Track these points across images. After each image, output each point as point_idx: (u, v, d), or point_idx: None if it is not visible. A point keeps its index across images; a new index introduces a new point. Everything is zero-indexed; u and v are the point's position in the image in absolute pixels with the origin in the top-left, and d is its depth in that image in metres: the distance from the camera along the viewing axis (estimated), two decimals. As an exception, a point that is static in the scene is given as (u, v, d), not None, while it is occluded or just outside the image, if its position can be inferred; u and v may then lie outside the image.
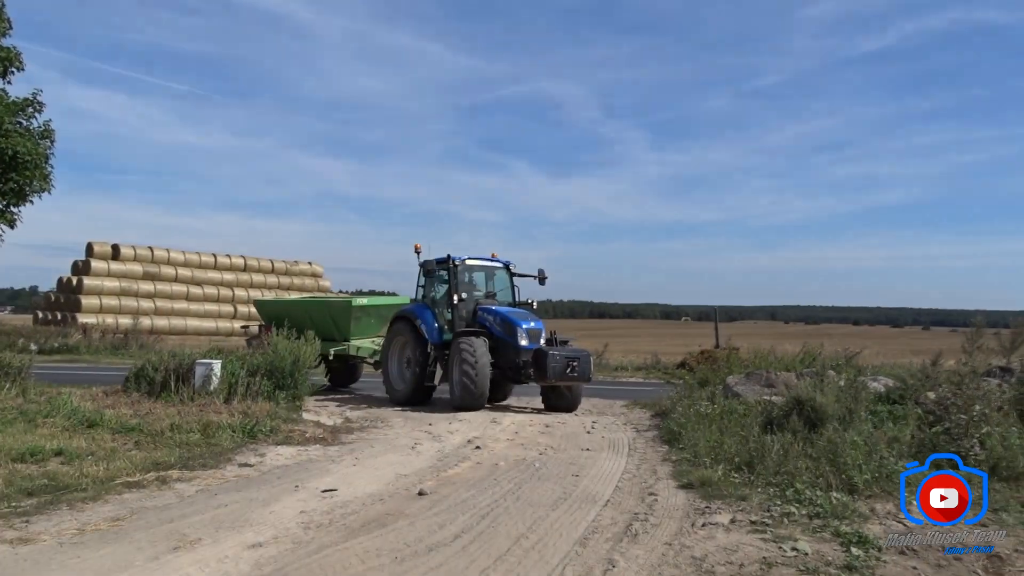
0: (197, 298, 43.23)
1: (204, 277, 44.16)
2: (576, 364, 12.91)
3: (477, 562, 4.94)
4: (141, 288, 41.25)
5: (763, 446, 7.71)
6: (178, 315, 41.50)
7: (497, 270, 15.34)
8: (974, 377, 9.06)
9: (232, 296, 44.43)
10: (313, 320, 16.22)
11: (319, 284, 49.12)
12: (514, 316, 13.66)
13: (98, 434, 9.00)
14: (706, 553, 5.19)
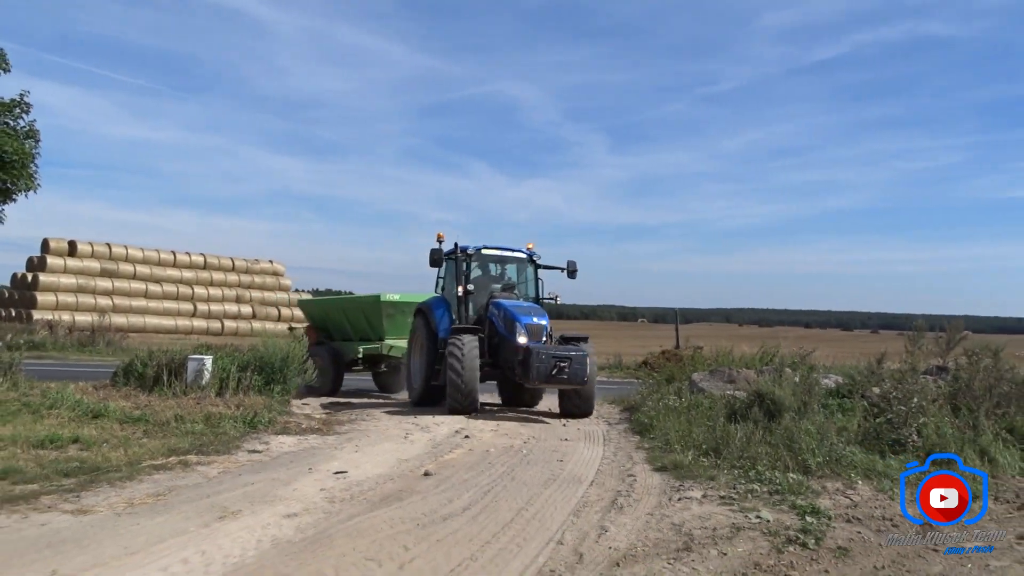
0: (156, 296, 43.10)
1: (163, 275, 44.03)
2: (566, 365, 11.71)
3: (487, 528, 5.74)
4: (99, 285, 41.02)
5: (728, 434, 8.66)
6: (136, 313, 41.32)
7: (518, 261, 14.42)
8: (914, 374, 10.13)
9: (192, 294, 44.39)
10: (349, 319, 16.09)
11: (280, 283, 49.31)
12: (515, 311, 12.78)
13: (105, 424, 9.56)
14: (683, 520, 6.07)
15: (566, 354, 11.84)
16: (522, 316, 12.68)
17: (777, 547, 5.41)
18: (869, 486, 7.28)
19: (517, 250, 14.34)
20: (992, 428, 8.87)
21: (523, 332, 12.45)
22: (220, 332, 43.03)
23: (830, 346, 32.88)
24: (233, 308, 45.48)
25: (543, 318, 12.84)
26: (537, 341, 12.35)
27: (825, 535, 5.72)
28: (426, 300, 13.98)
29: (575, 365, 11.79)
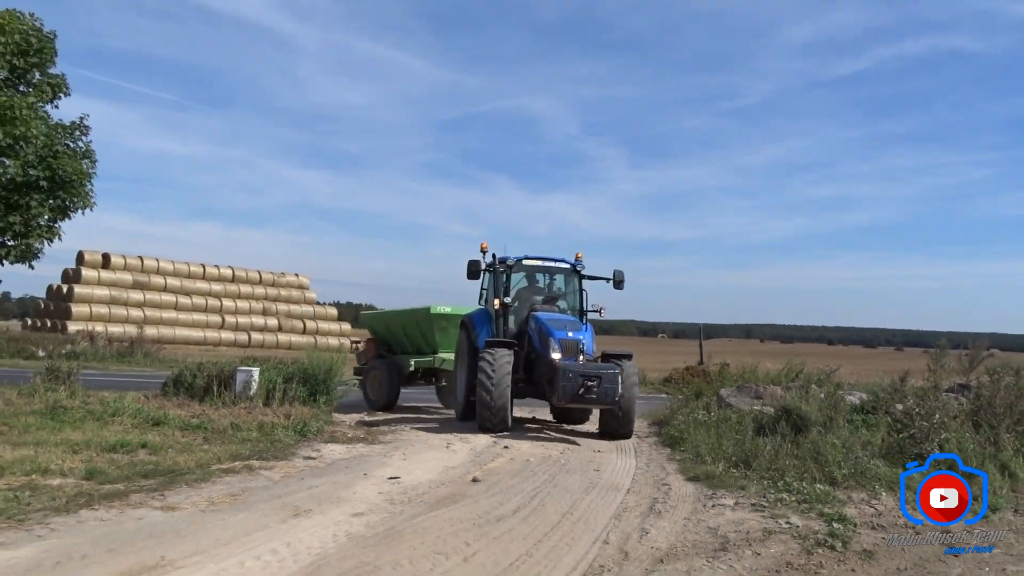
0: (186, 308, 44.09)
1: (193, 287, 45.04)
2: (595, 384, 11.08)
3: (538, 529, 6.28)
4: (131, 297, 42.08)
5: (757, 447, 9.15)
6: (167, 324, 42.30)
7: (562, 272, 13.85)
8: (936, 392, 10.58)
9: (220, 307, 45.34)
10: (406, 332, 15.98)
11: (305, 296, 50.19)
12: (550, 324, 12.26)
13: (166, 431, 10.19)
14: (718, 524, 6.58)
15: (596, 372, 11.26)
16: (557, 330, 12.11)
17: (807, 549, 5.91)
18: (892, 497, 7.71)
19: (560, 260, 13.76)
20: (1013, 444, 9.29)
21: (556, 347, 11.89)
22: (247, 344, 43.93)
23: (853, 363, 33.17)
24: (260, 320, 46.38)
25: (580, 333, 12.25)
26: (571, 357, 11.79)
27: (851, 540, 6.20)
28: (470, 313, 13.70)
29: (605, 384, 11.13)
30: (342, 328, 50.07)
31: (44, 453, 8.33)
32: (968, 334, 30.13)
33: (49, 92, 14.41)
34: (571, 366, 11.44)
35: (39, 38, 14.22)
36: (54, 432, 9.73)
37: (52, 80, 14.52)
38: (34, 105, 13.93)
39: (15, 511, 6.01)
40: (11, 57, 13.73)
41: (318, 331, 47.74)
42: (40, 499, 6.45)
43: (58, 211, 14.46)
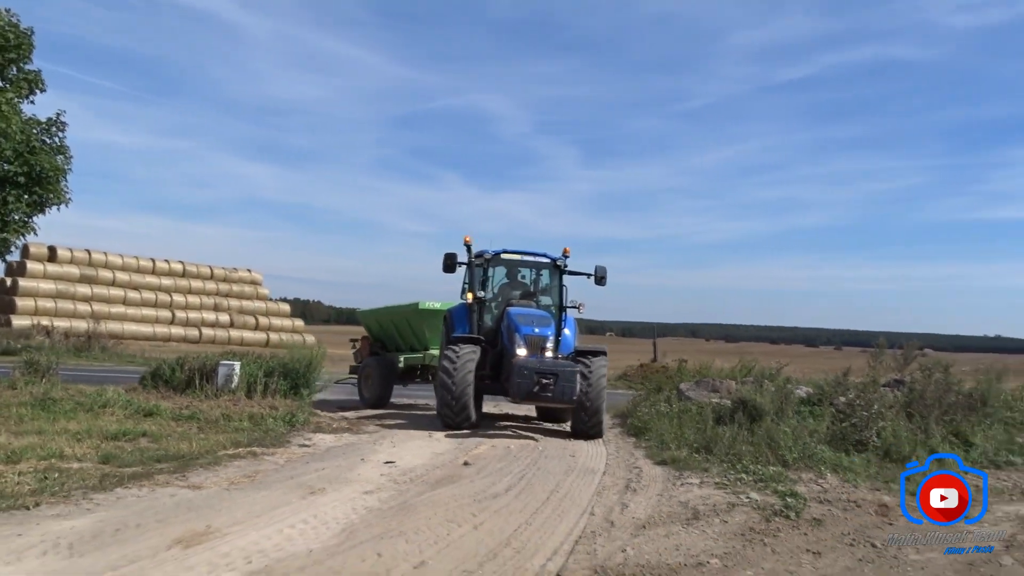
0: (135, 303, 43.65)
1: (142, 282, 44.59)
2: (550, 382, 10.83)
3: (530, 504, 7.10)
4: (78, 291, 41.52)
5: (716, 435, 10.14)
6: (115, 319, 41.79)
7: (541, 266, 13.65)
8: (874, 386, 11.73)
9: (170, 302, 44.98)
10: (397, 329, 15.98)
11: (258, 292, 50.03)
12: (518, 320, 12.06)
13: (160, 421, 10.73)
14: (688, 499, 7.50)
15: (553, 369, 11.01)
16: (523, 326, 11.93)
17: (766, 518, 6.86)
18: (836, 477, 8.75)
19: (540, 254, 13.64)
20: (940, 432, 10.46)
21: (521, 343, 11.75)
22: (198, 340, 43.71)
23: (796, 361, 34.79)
24: (211, 316, 46.16)
25: (548, 329, 12.07)
26: (536, 354, 11.67)
27: (802, 511, 7.16)
28: (451, 308, 13.67)
29: (562, 382, 10.84)
30: (295, 324, 50.14)
31: (50, 441, 8.82)
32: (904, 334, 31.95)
33: (26, 88, 14.65)
34: (527, 363, 11.23)
35: (16, 34, 14.43)
36: (50, 422, 10.20)
37: (28, 76, 14.74)
38: (12, 101, 14.18)
39: (56, 488, 6.60)
40: (-6, 53, 14.03)
41: (271, 327, 47.74)
42: (72, 480, 7.02)
43: (34, 207, 14.73)
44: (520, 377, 10.99)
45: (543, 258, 13.62)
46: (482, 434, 11.56)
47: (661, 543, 5.99)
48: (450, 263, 12.95)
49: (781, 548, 6.01)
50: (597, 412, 11.64)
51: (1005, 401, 12.63)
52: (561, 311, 13.16)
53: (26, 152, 14.13)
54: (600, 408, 11.69)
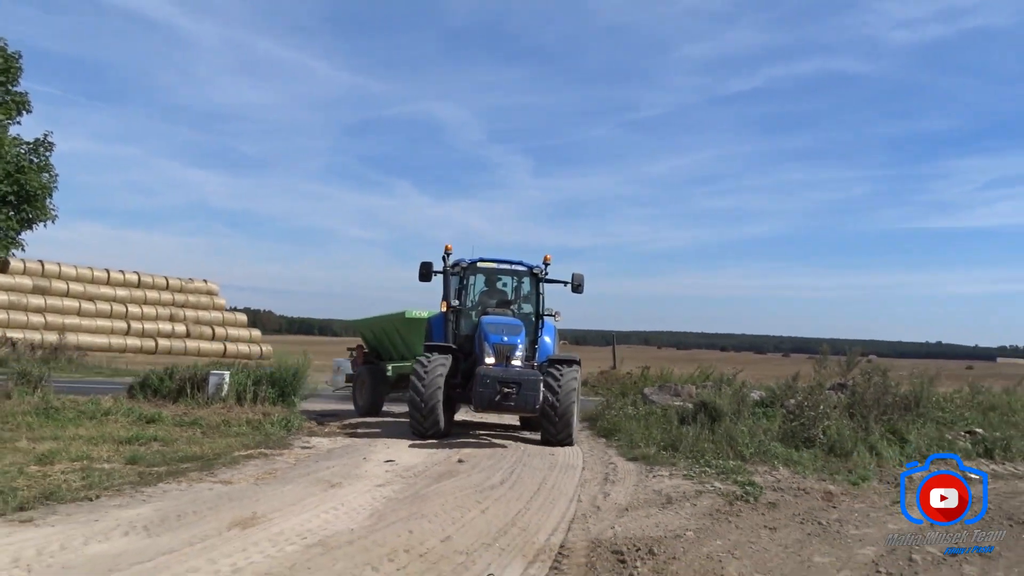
0: (89, 314, 43.47)
1: (97, 293, 44.43)
2: (512, 391, 10.88)
3: (524, 494, 8.14)
4: (31, 302, 41.26)
5: (681, 434, 11.31)
6: (70, 330, 41.59)
7: (518, 274, 13.81)
8: (820, 389, 13.02)
9: (125, 312, 44.88)
10: (388, 337, 16.17)
11: (214, 302, 50.10)
12: (488, 328, 12.22)
13: (163, 427, 11.49)
14: (661, 488, 8.63)
15: (515, 378, 11.05)
16: (492, 335, 12.10)
17: (729, 502, 8.02)
18: (787, 469, 9.98)
19: (517, 262, 13.73)
20: (879, 430, 11.77)
21: (490, 352, 11.91)
22: (154, 351, 43.74)
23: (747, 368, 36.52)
24: (167, 327, 46.12)
25: (517, 337, 12.15)
26: (502, 363, 11.76)
27: (760, 496, 8.35)
28: (431, 317, 13.84)
29: (525, 391, 10.91)
30: (252, 334, 50.35)
31: (69, 445, 9.57)
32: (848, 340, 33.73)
33: (14, 109, 15.23)
34: (489, 371, 11.25)
35: (5, 57, 15.03)
36: (60, 429, 10.94)
37: (16, 98, 15.34)
38: (2, 123, 14.78)
39: (106, 484, 7.44)
40: (-20, 76, 14.61)
41: (227, 337, 47.89)
42: (111, 478, 7.84)
43: (23, 224, 15.30)
44: (482, 386, 10.97)
45: (520, 266, 13.71)
46: (469, 437, 12.55)
47: (643, 522, 7.09)
48: (426, 272, 13.13)
49: (743, 525, 7.15)
50: (566, 422, 11.61)
51: (936, 402, 14.03)
52: (539, 319, 13.28)
53: (15, 172, 14.72)
54: (569, 417, 11.66)
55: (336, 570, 5.21)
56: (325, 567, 5.25)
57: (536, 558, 5.80)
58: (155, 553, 5.42)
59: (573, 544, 6.27)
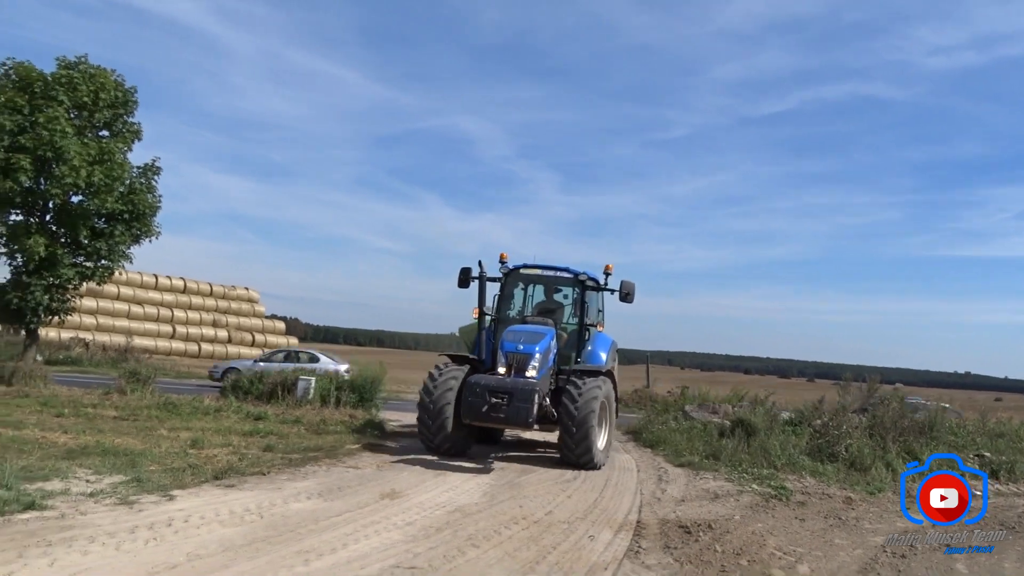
0: (138, 317, 45.92)
1: (145, 297, 46.90)
2: (502, 401, 10.38)
3: (596, 488, 10.03)
4: (83, 305, 43.68)
5: (721, 446, 13.17)
6: (119, 333, 44.10)
7: (563, 282, 13.36)
8: (844, 412, 14.84)
9: (171, 317, 47.29)
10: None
11: (255, 309, 52.46)
12: (506, 336, 11.75)
13: (270, 424, 13.48)
14: (708, 487, 10.51)
15: (507, 388, 10.49)
16: (507, 343, 11.52)
17: (765, 499, 9.89)
18: (814, 479, 11.79)
19: (563, 269, 13.18)
20: (895, 449, 13.54)
21: (502, 361, 11.32)
22: (198, 354, 46.10)
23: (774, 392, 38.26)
24: (210, 332, 48.51)
25: (535, 346, 11.41)
26: (520, 374, 11.14)
27: (790, 497, 10.20)
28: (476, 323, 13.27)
29: (516, 402, 10.31)
30: (289, 342, 52.56)
31: (204, 435, 11.56)
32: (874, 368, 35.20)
33: (130, 138, 17.44)
34: (480, 379, 10.81)
35: (122, 92, 17.25)
36: (185, 421, 12.98)
37: (131, 128, 17.57)
38: (122, 150, 16.98)
39: (264, 464, 9.43)
40: (107, 109, 16.78)
41: (267, 344, 50.10)
42: (263, 460, 9.83)
43: (133, 239, 17.48)
44: (471, 395, 10.54)
45: (564, 273, 13.18)
46: (525, 446, 14.47)
47: (697, 509, 8.98)
48: (464, 278, 12.86)
49: (778, 516, 9.03)
50: (584, 436, 10.93)
51: (950, 427, 15.78)
52: (584, 330, 12.81)
53: (131, 193, 16.89)
54: (588, 435, 10.94)
55: (480, 527, 7.16)
56: (471, 525, 7.21)
57: (620, 529, 7.72)
58: (338, 512, 7.40)
59: (646, 521, 8.18)
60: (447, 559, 6.08)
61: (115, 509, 6.86)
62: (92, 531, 6.03)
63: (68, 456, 9.23)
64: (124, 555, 5.56)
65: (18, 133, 15.85)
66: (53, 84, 16.26)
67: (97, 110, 16.78)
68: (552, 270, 13.29)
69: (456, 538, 6.77)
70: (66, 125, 15.81)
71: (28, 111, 16.04)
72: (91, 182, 16.02)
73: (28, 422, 11.82)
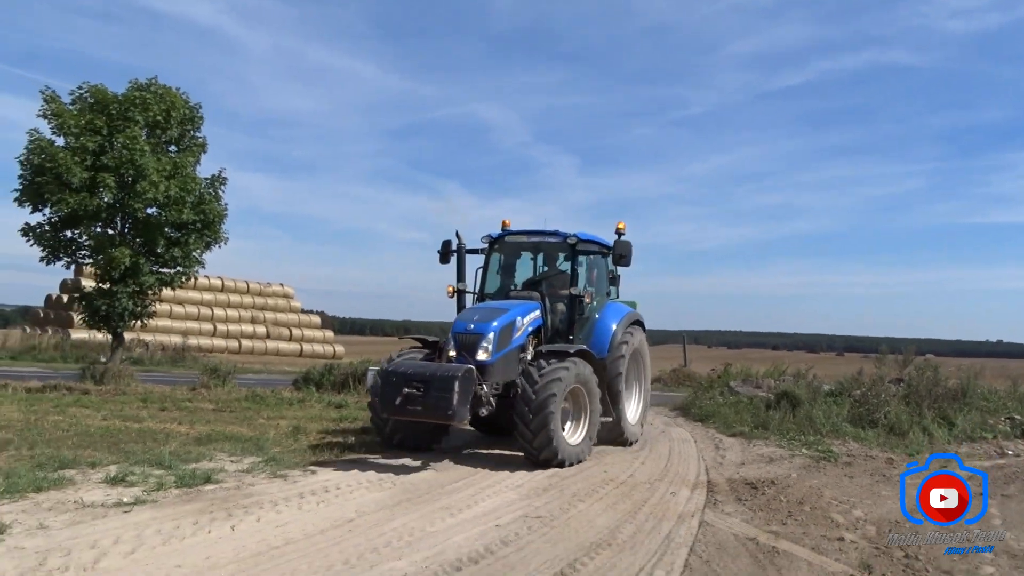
0: (179, 316, 47.71)
1: (184, 296, 48.61)
2: (418, 391, 9.01)
3: (663, 457, 11.36)
4: (128, 306, 45.53)
5: (768, 417, 14.44)
6: (161, 332, 45.90)
7: (552, 248, 12.07)
8: (881, 382, 16.04)
9: (212, 315, 49.06)
10: None
11: (290, 305, 54.13)
12: (461, 315, 10.78)
13: (351, 411, 14.87)
14: (763, 452, 11.82)
15: (425, 375, 9.13)
16: (459, 322, 10.43)
17: (815, 461, 11.18)
18: (857, 443, 13.01)
19: (551, 232, 11.79)
20: (931, 415, 14.74)
21: (451, 344, 10.02)
22: (238, 351, 47.81)
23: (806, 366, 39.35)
24: (249, 328, 50.24)
25: (488, 325, 10.10)
26: (465, 358, 9.84)
27: (838, 459, 11.47)
28: None
29: (435, 392, 8.94)
30: (325, 335, 54.25)
31: (299, 423, 12.97)
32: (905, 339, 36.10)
33: (197, 151, 18.86)
34: (398, 366, 9.57)
35: (190, 108, 18.66)
36: (275, 411, 14.41)
37: (197, 142, 19.00)
38: (192, 163, 18.40)
39: (371, 445, 10.81)
40: (177, 125, 18.20)
41: (303, 338, 51.85)
42: (366, 442, 11.21)
43: (205, 247, 18.95)
44: (387, 385, 9.32)
45: (550, 237, 11.81)
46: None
47: (757, 470, 10.30)
48: (445, 251, 11.92)
49: (829, 474, 10.32)
50: (542, 428, 9.44)
51: (981, 394, 16.92)
52: (575, 300, 11.35)
53: (202, 204, 18.31)
54: (546, 423, 9.42)
55: (578, 487, 8.55)
56: (570, 486, 8.60)
57: (695, 487, 9.05)
58: (453, 480, 8.81)
59: (715, 480, 9.51)
60: (563, 510, 7.44)
61: (273, 481, 8.28)
62: (270, 497, 7.45)
63: (198, 443, 10.65)
64: (306, 513, 6.97)
65: (100, 153, 17.31)
66: (128, 105, 17.67)
67: (169, 127, 18.18)
68: (539, 235, 11.99)
69: (562, 496, 8.14)
70: (144, 144, 17.24)
71: (106, 132, 17.48)
72: (168, 195, 17.43)
73: (142, 416, 13.31)
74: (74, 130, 17.32)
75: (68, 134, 17.42)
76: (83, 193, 17.15)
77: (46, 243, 18.14)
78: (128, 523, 6.40)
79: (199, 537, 6.09)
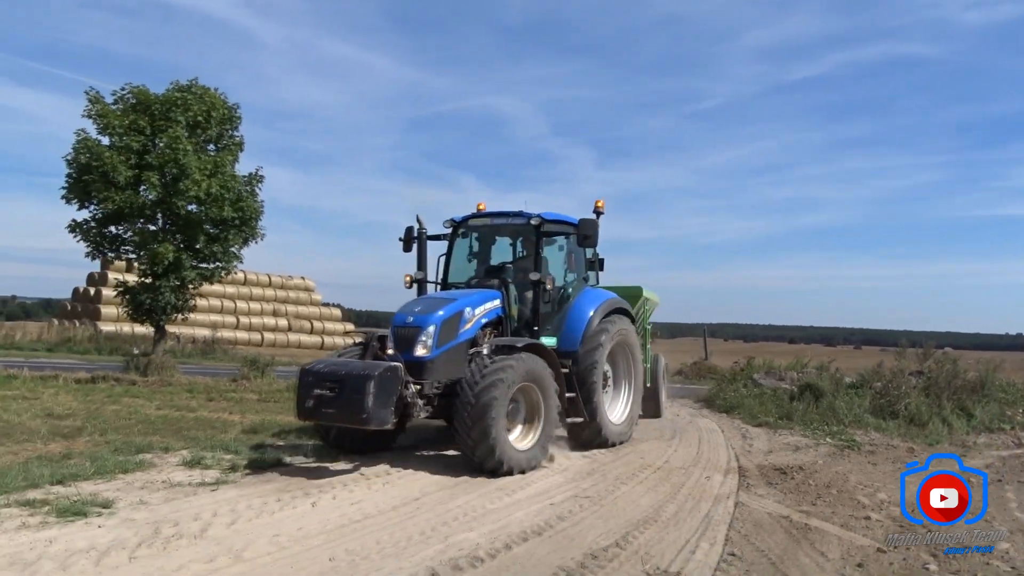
0: (203, 309, 48.55)
1: (208, 290, 49.46)
2: (331, 392, 8.26)
3: (693, 446, 11.99)
4: (154, 299, 46.49)
5: (792, 408, 15.05)
6: (188, 325, 46.83)
7: (518, 231, 11.38)
8: (902, 374, 16.61)
9: (235, 308, 49.98)
10: None
11: (312, 298, 55.02)
12: (402, 308, 9.73)
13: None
14: (788, 441, 12.45)
15: (339, 374, 8.37)
16: (398, 315, 9.54)
17: (839, 449, 11.81)
18: (878, 433, 13.60)
19: (514, 214, 11.01)
20: (950, 406, 15.30)
21: (391, 340, 9.26)
22: (260, 343, 48.69)
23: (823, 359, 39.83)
24: (271, 321, 51.13)
25: (428, 318, 9.19)
26: (406, 352, 8.99)
27: (861, 447, 12.09)
28: None
29: (348, 393, 8.17)
30: (346, 328, 55.09)
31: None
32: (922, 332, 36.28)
33: (235, 150, 19.58)
34: (313, 365, 8.90)
35: (228, 109, 19.37)
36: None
37: (235, 141, 19.73)
38: (231, 162, 19.14)
39: (417, 432, 11.50)
40: (217, 125, 18.93)
41: (324, 331, 52.70)
42: (411, 431, 11.89)
43: (243, 242, 19.71)
44: (303, 385, 8.58)
45: (514, 219, 11.03)
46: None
47: (784, 458, 10.93)
48: (407, 238, 11.13)
49: (853, 460, 10.95)
50: (481, 429, 8.48)
51: (1000, 386, 17.46)
52: (538, 285, 10.42)
53: (240, 201, 19.05)
54: (487, 435, 8.46)
55: (619, 472, 9.22)
56: (612, 471, 9.29)
57: (727, 472, 9.70)
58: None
59: (745, 466, 10.15)
60: (608, 492, 8.12)
61: (337, 463, 8.98)
62: (340, 479, 8.16)
63: (253, 431, 11.37)
64: (376, 493, 7.67)
65: (143, 152, 18.07)
66: (169, 105, 18.41)
67: (209, 127, 18.92)
68: (502, 216, 11.23)
69: (606, 479, 8.81)
70: (187, 143, 17.98)
71: (150, 131, 18.24)
72: (209, 193, 18.18)
73: (193, 406, 14.07)
74: (119, 130, 18.10)
75: (113, 134, 18.21)
76: (128, 191, 17.95)
77: (92, 239, 18.98)
78: (219, 499, 7.12)
79: (286, 512, 6.80)
